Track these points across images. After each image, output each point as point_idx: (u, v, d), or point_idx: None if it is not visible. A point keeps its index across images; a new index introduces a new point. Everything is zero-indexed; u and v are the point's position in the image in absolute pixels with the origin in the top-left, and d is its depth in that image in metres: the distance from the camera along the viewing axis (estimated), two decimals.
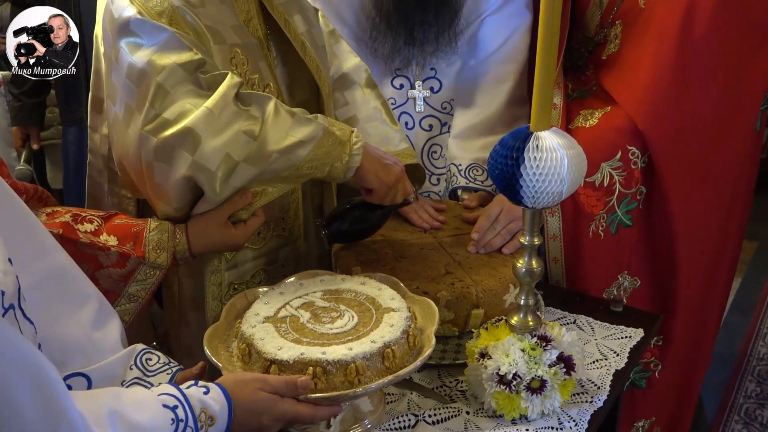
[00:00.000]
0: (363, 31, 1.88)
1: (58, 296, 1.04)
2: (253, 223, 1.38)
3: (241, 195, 1.32)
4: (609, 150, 1.63)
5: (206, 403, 0.98)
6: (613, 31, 1.75)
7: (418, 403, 1.29)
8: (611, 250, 1.69)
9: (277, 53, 1.53)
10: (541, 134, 1.11)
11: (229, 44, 1.38)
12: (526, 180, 1.10)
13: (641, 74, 1.65)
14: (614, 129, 1.65)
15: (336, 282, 1.29)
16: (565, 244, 1.62)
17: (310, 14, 1.64)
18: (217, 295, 1.46)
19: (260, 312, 1.20)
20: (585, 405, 1.28)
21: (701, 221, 1.75)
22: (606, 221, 1.63)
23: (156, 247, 1.31)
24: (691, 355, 1.92)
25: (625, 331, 1.50)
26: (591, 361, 1.40)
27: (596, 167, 1.62)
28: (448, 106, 1.93)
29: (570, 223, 1.62)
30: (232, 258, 1.48)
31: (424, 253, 1.51)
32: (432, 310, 1.22)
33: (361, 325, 1.16)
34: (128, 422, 0.89)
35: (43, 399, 0.79)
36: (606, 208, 1.62)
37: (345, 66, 1.73)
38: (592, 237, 1.62)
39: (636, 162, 1.63)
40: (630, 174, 1.63)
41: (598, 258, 1.67)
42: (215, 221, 1.33)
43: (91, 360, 1.07)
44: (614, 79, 1.72)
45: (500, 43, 1.87)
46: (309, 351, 1.08)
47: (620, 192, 1.62)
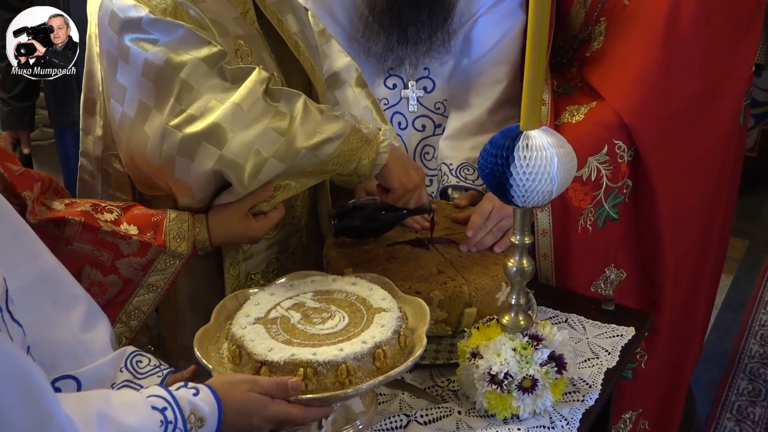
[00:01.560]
0: (356, 31, 1.87)
1: (47, 299, 1.04)
2: (274, 215, 1.39)
3: (264, 188, 1.33)
4: (596, 144, 1.64)
5: (196, 404, 0.97)
6: (598, 29, 1.76)
7: (409, 403, 1.29)
8: (599, 244, 1.70)
9: (270, 51, 1.53)
10: (531, 133, 1.11)
11: (233, 36, 1.39)
12: (516, 179, 1.10)
13: (627, 69, 1.67)
14: (600, 124, 1.66)
15: (327, 283, 1.29)
16: (554, 239, 1.63)
17: (301, 13, 1.64)
18: (236, 286, 1.47)
19: (251, 313, 1.19)
20: (577, 404, 1.28)
21: (686, 213, 1.76)
22: (594, 215, 1.64)
23: (176, 236, 1.31)
24: (678, 349, 1.93)
25: (616, 330, 1.50)
26: (582, 360, 1.40)
27: (584, 162, 1.62)
28: (441, 106, 1.93)
29: (559, 218, 1.62)
30: (248, 248, 1.49)
31: (416, 253, 1.51)
32: (423, 309, 1.22)
33: (351, 325, 1.16)
34: (117, 424, 0.88)
35: (30, 404, 0.78)
36: (593, 203, 1.63)
37: (335, 65, 1.73)
38: (580, 231, 1.63)
39: (623, 156, 1.64)
40: (617, 168, 1.65)
41: (586, 252, 1.68)
42: (237, 213, 1.34)
43: (80, 362, 1.06)
44: (599, 74, 1.73)
45: (494, 44, 1.86)
46: (300, 352, 1.08)
47: (607, 186, 1.63)
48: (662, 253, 1.75)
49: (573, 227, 1.62)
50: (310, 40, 1.61)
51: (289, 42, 1.52)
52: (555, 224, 1.62)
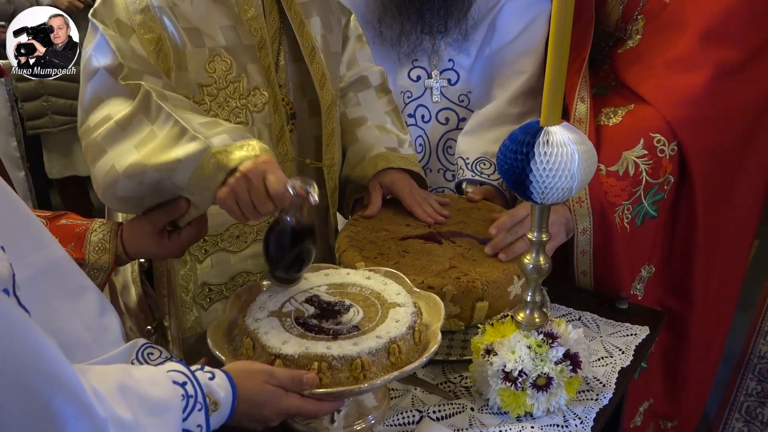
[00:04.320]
0: (372, 13, 1.86)
1: (55, 288, 1.03)
2: (186, 234, 1.30)
3: (175, 205, 1.27)
4: (630, 139, 1.59)
5: (211, 388, 0.97)
6: (634, 27, 1.71)
7: (422, 398, 1.28)
8: (638, 242, 1.64)
9: (289, 49, 1.52)
10: (551, 129, 1.09)
11: (210, 47, 1.37)
12: (535, 175, 1.09)
13: (673, 71, 1.61)
14: (637, 121, 1.61)
15: (341, 276, 1.28)
16: (594, 236, 1.57)
17: (332, 18, 1.62)
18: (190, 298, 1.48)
19: (265, 306, 1.18)
20: (590, 403, 1.27)
21: (726, 216, 1.72)
22: (632, 212, 1.58)
23: (97, 248, 1.27)
24: (704, 346, 1.90)
25: (630, 329, 1.48)
26: (596, 359, 1.39)
27: (618, 156, 1.57)
28: (465, 98, 1.91)
29: (599, 215, 1.56)
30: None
31: (428, 247, 1.50)
32: (438, 305, 1.21)
33: (366, 320, 1.15)
34: (139, 396, 0.87)
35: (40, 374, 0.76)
36: (631, 199, 1.57)
37: (364, 70, 1.74)
38: (619, 230, 1.58)
39: (663, 150, 1.57)
40: (657, 162, 1.58)
41: (625, 250, 1.62)
42: (146, 228, 1.29)
43: (91, 354, 1.06)
44: (638, 75, 1.68)
45: (518, 33, 1.83)
46: (314, 346, 1.07)
47: (647, 182, 1.57)
48: (694, 252, 1.70)
49: (612, 225, 1.57)
50: (331, 47, 1.60)
51: (304, 47, 1.50)
52: (595, 222, 1.56)
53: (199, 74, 1.36)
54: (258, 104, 1.44)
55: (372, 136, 1.68)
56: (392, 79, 1.89)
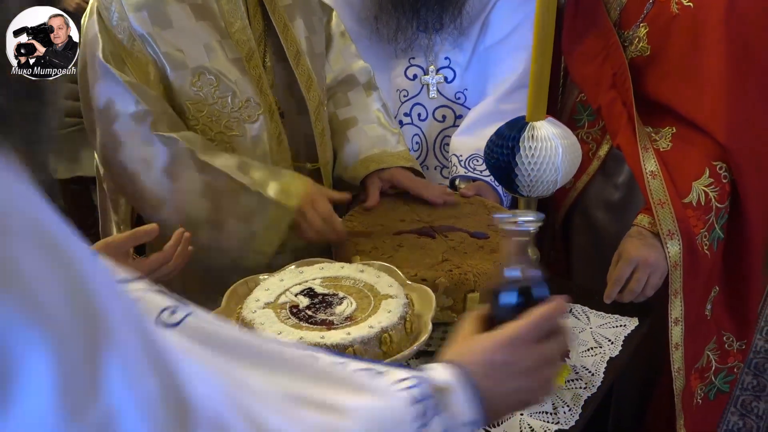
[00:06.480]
0: (368, 11, 1.87)
1: None
2: (153, 258, 1.28)
3: (145, 229, 1.27)
4: (697, 169, 1.59)
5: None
6: (635, 33, 1.67)
7: None
8: (713, 266, 1.66)
9: (274, 50, 1.55)
10: (536, 124, 1.13)
11: (192, 68, 1.41)
12: (521, 169, 1.12)
13: (709, 87, 1.58)
14: (695, 148, 1.60)
15: (335, 269, 1.31)
16: (684, 268, 1.58)
17: (314, 19, 1.64)
18: None
19: (260, 298, 1.22)
20: (579, 391, 1.30)
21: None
22: (709, 239, 1.60)
23: None
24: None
25: (620, 320, 1.52)
26: (586, 349, 1.42)
27: (689, 188, 1.58)
28: (461, 96, 1.93)
29: (687, 248, 1.57)
30: None
31: (422, 241, 1.53)
32: (429, 296, 1.24)
33: (359, 311, 1.18)
34: None
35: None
36: (706, 227, 1.59)
37: (351, 68, 1.76)
38: (702, 258, 1.60)
39: (726, 176, 1.59)
40: (722, 188, 1.60)
41: (706, 277, 1.65)
42: (114, 249, 1.25)
43: None
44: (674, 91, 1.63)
45: (511, 30, 1.85)
46: (308, 335, 1.11)
47: (716, 208, 1.58)
48: (749, 268, 1.71)
49: (699, 255, 1.58)
50: (315, 48, 1.63)
51: (289, 51, 1.53)
52: (685, 256, 1.57)
53: (185, 94, 1.40)
54: (253, 115, 1.47)
55: (363, 137, 1.70)
56: (388, 78, 1.91)
